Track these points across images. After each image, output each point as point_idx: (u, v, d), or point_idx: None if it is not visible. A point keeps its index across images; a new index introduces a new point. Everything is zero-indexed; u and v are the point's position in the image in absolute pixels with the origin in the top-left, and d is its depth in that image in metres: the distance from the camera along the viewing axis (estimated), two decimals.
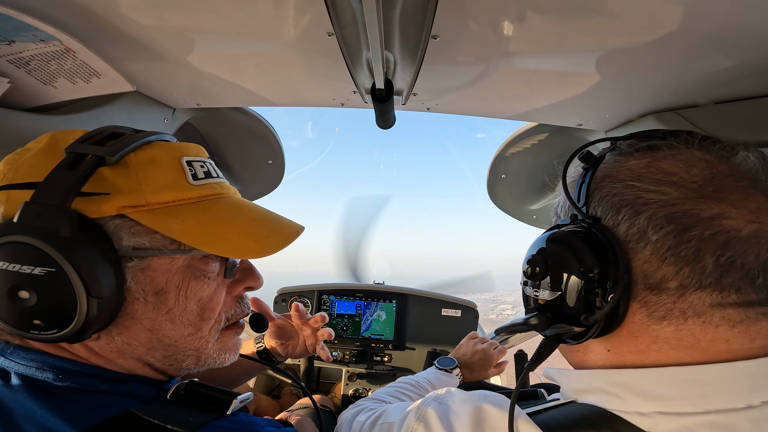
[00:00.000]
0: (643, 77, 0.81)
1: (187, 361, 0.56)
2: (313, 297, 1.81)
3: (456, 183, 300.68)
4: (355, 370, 1.72)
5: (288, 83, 1.00)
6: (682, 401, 0.41)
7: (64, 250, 0.44)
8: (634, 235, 0.44)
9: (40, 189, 0.45)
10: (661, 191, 0.44)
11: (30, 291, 0.44)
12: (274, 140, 1.54)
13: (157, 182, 0.51)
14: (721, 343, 0.41)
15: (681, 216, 0.42)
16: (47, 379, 0.47)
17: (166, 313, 0.52)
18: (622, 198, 0.46)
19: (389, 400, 0.94)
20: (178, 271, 0.53)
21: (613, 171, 0.49)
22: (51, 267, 0.44)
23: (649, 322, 0.44)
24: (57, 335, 0.46)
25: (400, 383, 1.05)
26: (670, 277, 0.42)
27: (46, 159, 0.48)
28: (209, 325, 0.57)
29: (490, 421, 0.48)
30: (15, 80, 0.80)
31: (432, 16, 0.64)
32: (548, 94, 0.97)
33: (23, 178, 0.47)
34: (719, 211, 0.41)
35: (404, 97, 0.99)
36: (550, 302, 0.48)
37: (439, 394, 0.58)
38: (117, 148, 0.49)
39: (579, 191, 0.51)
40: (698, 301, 0.41)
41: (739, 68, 0.71)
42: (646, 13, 0.60)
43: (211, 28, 0.74)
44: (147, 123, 1.12)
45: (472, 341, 1.28)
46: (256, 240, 0.56)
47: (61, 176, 0.46)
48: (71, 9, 0.67)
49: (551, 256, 0.48)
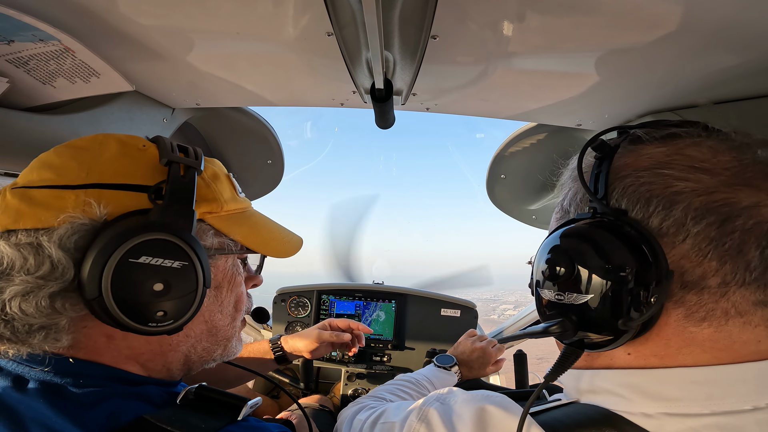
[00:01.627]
0: (642, 77, 0.81)
1: (219, 350, 0.62)
2: (313, 297, 1.81)
3: (456, 183, 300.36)
4: (354, 370, 1.72)
5: (287, 83, 1.00)
6: (690, 402, 0.39)
7: (193, 246, 0.51)
8: (670, 227, 0.40)
9: (170, 195, 0.51)
10: (695, 179, 0.40)
11: (165, 283, 0.49)
12: (273, 140, 1.53)
13: (226, 194, 0.60)
14: (754, 344, 0.39)
15: (720, 205, 0.38)
16: (66, 384, 0.46)
17: (219, 305, 0.60)
18: (651, 188, 0.42)
19: (389, 398, 0.94)
20: (229, 268, 0.61)
21: (633, 160, 0.45)
22: (185, 261, 0.50)
23: (686, 323, 0.40)
24: (172, 326, 0.50)
25: (400, 381, 1.05)
26: (712, 273, 0.39)
27: (131, 163, 0.52)
28: (240, 316, 0.65)
29: (493, 422, 0.47)
30: (14, 80, 0.80)
31: (431, 16, 0.64)
32: (547, 95, 0.97)
33: (113, 179, 0.50)
34: (757, 199, 0.38)
35: (404, 97, 0.99)
36: (578, 306, 0.42)
37: (441, 394, 0.57)
38: (199, 162, 0.56)
39: (596, 182, 0.46)
40: (741, 300, 0.38)
41: (739, 68, 0.71)
42: (645, 14, 0.60)
43: (211, 27, 0.74)
44: (146, 123, 1.12)
45: (471, 339, 1.28)
46: (283, 244, 0.68)
47: (180, 184, 0.52)
48: (70, 9, 0.67)
49: (578, 254, 0.43)
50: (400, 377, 1.09)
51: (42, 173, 0.50)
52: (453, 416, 0.51)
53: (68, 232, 0.46)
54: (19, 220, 0.47)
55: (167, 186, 0.51)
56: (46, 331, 0.46)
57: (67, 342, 0.47)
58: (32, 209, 0.47)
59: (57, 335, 0.46)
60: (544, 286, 0.46)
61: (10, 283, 0.44)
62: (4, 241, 0.46)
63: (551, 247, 0.46)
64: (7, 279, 0.45)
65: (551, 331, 0.44)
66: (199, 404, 0.52)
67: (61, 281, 0.46)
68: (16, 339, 0.45)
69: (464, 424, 0.49)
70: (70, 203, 0.47)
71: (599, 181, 0.46)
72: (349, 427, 0.79)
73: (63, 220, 0.46)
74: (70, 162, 0.50)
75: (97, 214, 0.47)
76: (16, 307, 0.44)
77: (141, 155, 0.53)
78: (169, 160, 0.52)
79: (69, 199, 0.47)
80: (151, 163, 0.53)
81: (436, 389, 1.08)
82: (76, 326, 0.49)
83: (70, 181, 0.49)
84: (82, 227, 0.47)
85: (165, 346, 0.55)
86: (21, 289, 0.44)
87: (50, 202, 0.47)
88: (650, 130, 0.47)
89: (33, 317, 0.45)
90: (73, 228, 0.46)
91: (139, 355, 0.53)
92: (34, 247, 0.46)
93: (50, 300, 0.45)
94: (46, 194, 0.48)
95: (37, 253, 0.45)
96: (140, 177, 0.51)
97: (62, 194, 0.48)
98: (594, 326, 0.42)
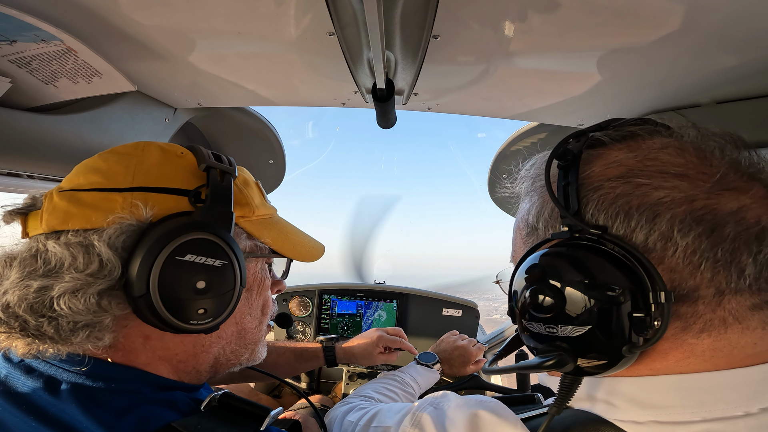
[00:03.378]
0: (644, 77, 0.81)
1: (246, 354, 0.63)
2: (314, 297, 1.81)
3: (456, 182, 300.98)
4: (355, 370, 1.71)
5: (289, 83, 1.00)
6: (681, 410, 0.38)
7: (232, 246, 0.53)
8: (657, 242, 0.38)
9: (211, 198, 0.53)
10: (671, 186, 0.38)
11: (207, 281, 0.51)
12: (275, 140, 1.54)
13: (257, 199, 0.62)
14: (750, 347, 0.38)
15: (704, 214, 0.37)
16: (98, 388, 0.47)
17: (249, 307, 0.62)
18: (628, 199, 0.39)
19: (377, 397, 0.95)
20: (258, 271, 0.63)
21: (601, 168, 0.42)
22: (226, 260, 0.52)
23: (684, 336, 0.38)
24: (210, 324, 0.52)
25: (386, 380, 1.07)
26: (705, 284, 0.37)
27: (173, 169, 0.55)
28: (266, 320, 0.67)
29: (486, 427, 0.47)
30: (16, 80, 0.80)
31: (433, 15, 0.64)
32: (549, 94, 0.96)
33: (157, 183, 0.52)
34: (740, 204, 0.37)
35: (405, 97, 0.99)
36: (575, 338, 0.39)
37: (435, 398, 0.57)
38: (233, 168, 0.59)
39: (565, 195, 0.43)
40: (738, 306, 0.37)
41: (741, 68, 0.70)
42: (648, 13, 0.60)
43: (213, 28, 0.74)
44: (148, 123, 1.12)
45: (453, 337, 1.32)
46: (308, 249, 0.70)
47: (219, 188, 0.55)
48: (73, 9, 0.67)
49: (568, 282, 0.39)
50: (385, 375, 1.12)
51: (90, 177, 0.52)
52: (446, 421, 0.51)
53: (117, 232, 0.48)
54: (68, 220, 0.48)
55: (208, 189, 0.54)
56: (90, 329, 0.46)
57: (108, 341, 0.48)
58: (81, 210, 0.49)
59: (100, 333, 0.47)
60: (530, 318, 0.42)
61: (59, 280, 0.45)
62: (53, 241, 0.47)
63: (533, 275, 0.42)
64: (56, 276, 0.46)
65: (547, 366, 0.40)
66: (222, 412, 0.52)
67: (109, 279, 0.47)
68: (58, 337, 0.45)
69: (457, 429, 0.48)
70: (119, 205, 0.49)
71: (569, 194, 0.42)
72: (339, 427, 0.79)
73: (112, 220, 0.48)
74: (117, 166, 0.52)
75: (143, 215, 0.49)
76: (64, 304, 0.45)
77: (181, 161, 0.56)
78: (207, 165, 0.55)
79: (117, 201, 0.50)
80: (190, 168, 0.55)
81: (419, 386, 1.11)
82: (118, 325, 0.50)
83: (117, 184, 0.51)
84: (129, 227, 0.49)
85: (198, 347, 0.56)
86: (71, 286, 0.45)
87: (99, 204, 0.49)
88: (609, 131, 0.45)
89: (80, 314, 0.45)
90: (121, 228, 0.48)
91: (173, 356, 0.54)
92: (83, 246, 0.47)
93: (98, 297, 0.46)
94: (95, 197, 0.50)
95: (87, 251, 0.47)
96: (181, 181, 0.54)
97: (111, 197, 0.50)
98: (594, 356, 0.39)
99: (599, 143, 0.45)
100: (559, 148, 0.45)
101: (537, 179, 0.49)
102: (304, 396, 0.94)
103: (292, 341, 1.25)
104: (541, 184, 0.47)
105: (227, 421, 0.50)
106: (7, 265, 0.47)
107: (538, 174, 0.50)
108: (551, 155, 0.45)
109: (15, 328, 0.45)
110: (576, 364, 0.40)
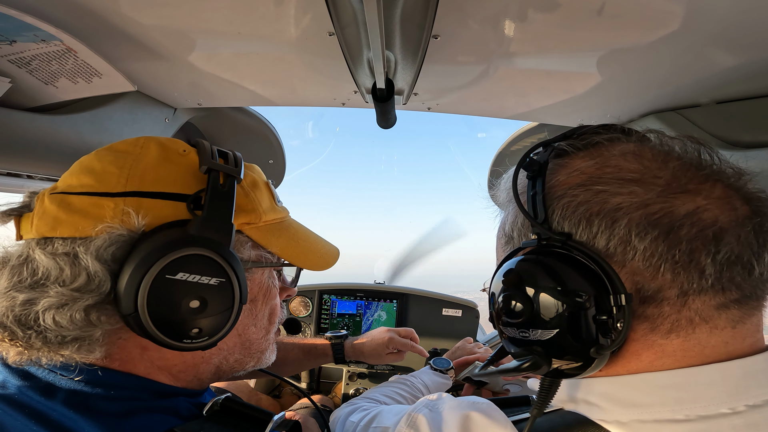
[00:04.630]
0: (644, 77, 0.81)
1: (252, 362, 0.60)
2: (314, 296, 1.81)
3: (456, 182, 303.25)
4: (355, 370, 1.72)
5: (289, 83, 1.00)
6: (660, 408, 0.38)
7: (231, 262, 0.48)
8: (617, 246, 0.39)
9: (210, 206, 0.48)
10: (628, 192, 0.39)
11: (201, 300, 0.47)
12: (275, 140, 1.54)
13: (265, 203, 0.57)
14: (722, 346, 0.39)
15: (660, 217, 0.38)
16: (97, 395, 0.45)
17: (254, 318, 0.58)
18: (588, 206, 0.41)
19: (383, 400, 0.95)
20: (265, 280, 0.59)
21: (565, 177, 0.44)
22: (222, 278, 0.48)
23: (653, 337, 0.40)
24: (206, 342, 0.49)
25: (395, 383, 1.06)
26: (668, 285, 0.38)
27: (172, 170, 0.50)
28: (274, 328, 0.63)
29: (476, 429, 0.47)
30: (16, 80, 0.80)
31: (433, 15, 0.64)
32: (549, 94, 0.96)
33: (153, 187, 0.48)
34: (695, 205, 0.38)
35: (405, 97, 0.99)
36: (545, 342, 0.41)
37: (430, 399, 0.57)
38: (239, 169, 0.53)
39: (534, 205, 0.44)
40: (703, 306, 0.38)
41: (742, 68, 0.70)
42: (648, 13, 0.60)
43: (212, 27, 0.74)
44: (148, 123, 1.12)
45: (470, 345, 1.31)
46: (320, 256, 0.65)
47: (220, 194, 0.50)
48: (72, 9, 0.67)
49: (534, 287, 0.41)
50: (395, 379, 1.10)
51: (82, 178, 0.48)
52: (440, 422, 0.51)
53: (105, 243, 0.44)
54: (57, 227, 0.45)
55: (206, 196, 0.49)
56: (80, 343, 0.44)
57: (100, 354, 0.46)
58: (70, 217, 0.45)
59: (90, 347, 0.45)
60: (504, 323, 0.44)
61: (44, 295, 0.43)
62: (41, 249, 0.44)
63: (505, 282, 0.44)
64: (41, 290, 0.43)
65: (524, 369, 0.42)
66: (225, 417, 0.51)
67: (97, 294, 0.44)
68: (48, 349, 0.44)
69: (449, 430, 0.49)
70: (109, 212, 0.46)
71: (537, 203, 0.44)
72: (342, 428, 0.79)
73: (101, 230, 0.45)
74: (110, 167, 0.48)
75: (135, 224, 0.46)
76: (50, 319, 0.42)
77: (181, 161, 0.51)
78: (208, 167, 0.50)
79: (108, 208, 0.46)
80: (191, 169, 0.51)
81: (430, 392, 1.08)
82: (111, 338, 0.47)
83: (109, 188, 0.47)
84: (119, 238, 0.45)
85: (197, 359, 0.54)
86: (56, 301, 0.43)
87: (89, 209, 0.46)
88: (572, 141, 0.46)
89: (67, 329, 0.43)
90: (110, 239, 0.45)
91: (171, 366, 0.52)
92: (70, 258, 0.44)
93: (85, 313, 0.44)
94: (85, 201, 0.46)
95: (74, 263, 0.44)
96: (180, 185, 0.49)
97: (101, 202, 0.46)
98: (566, 358, 0.41)
99: (564, 153, 0.46)
100: (525, 159, 0.47)
101: (510, 190, 0.50)
102: (306, 395, 0.94)
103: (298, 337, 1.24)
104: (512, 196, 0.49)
105: (230, 425, 0.49)
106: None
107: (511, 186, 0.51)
108: (518, 166, 0.47)
109: (5, 338, 0.43)
110: (552, 367, 0.42)
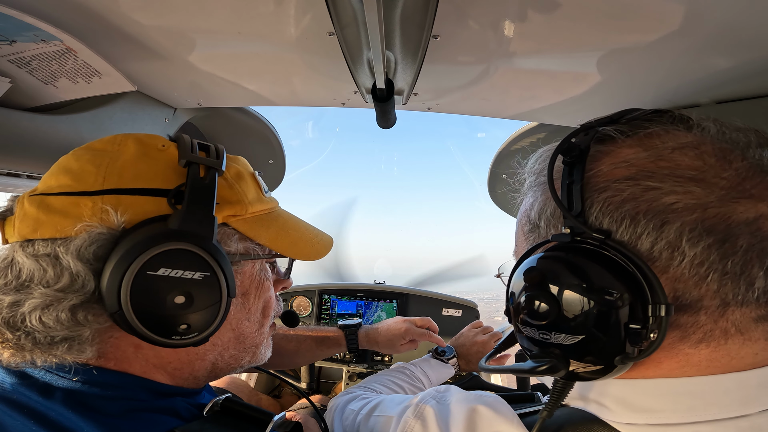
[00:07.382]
0: (644, 77, 0.81)
1: (247, 358, 0.60)
2: (314, 296, 1.81)
3: (456, 182, 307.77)
4: (355, 370, 1.72)
5: (289, 83, 1.00)
6: (671, 414, 0.37)
7: (214, 255, 0.48)
8: (663, 251, 0.35)
9: (189, 200, 0.47)
10: (684, 191, 0.35)
11: (186, 295, 0.46)
12: (274, 140, 1.54)
13: (251, 195, 0.56)
14: (750, 357, 0.36)
15: (717, 222, 0.34)
16: (95, 395, 0.45)
17: (247, 312, 0.58)
18: (636, 204, 0.37)
19: (381, 390, 0.93)
20: (256, 273, 0.58)
21: (609, 167, 0.40)
22: (207, 272, 0.47)
23: (681, 345, 0.37)
24: (196, 338, 0.48)
25: (393, 372, 1.04)
26: (710, 295, 0.35)
27: (151, 165, 0.49)
28: (269, 322, 0.62)
29: (483, 423, 0.47)
30: (16, 80, 0.80)
31: (433, 15, 0.64)
32: (549, 94, 0.96)
33: (131, 184, 0.48)
34: (758, 213, 0.34)
35: (405, 97, 0.99)
36: (568, 346, 0.38)
37: (438, 391, 0.57)
38: (221, 161, 0.52)
39: (569, 194, 0.40)
40: (742, 317, 0.35)
41: (741, 68, 0.70)
42: (648, 13, 0.60)
43: (212, 27, 0.74)
44: (148, 123, 1.12)
45: (474, 331, 1.23)
46: (312, 245, 0.64)
47: (200, 187, 0.49)
48: (72, 9, 0.67)
49: (565, 289, 0.37)
50: (396, 366, 1.08)
51: (60, 179, 0.48)
52: (448, 415, 0.51)
53: (86, 243, 0.44)
54: (38, 229, 0.45)
55: (186, 189, 0.48)
56: (69, 343, 0.44)
57: (92, 353, 0.46)
58: (50, 218, 0.45)
59: (81, 347, 0.45)
60: (524, 322, 0.41)
61: (28, 296, 0.43)
62: (23, 252, 0.44)
63: (530, 279, 0.40)
64: (26, 291, 0.43)
65: (540, 372, 0.39)
66: (225, 417, 0.50)
67: (82, 293, 0.44)
68: (39, 351, 0.44)
69: (456, 423, 0.49)
70: (87, 211, 0.45)
71: (573, 194, 0.40)
72: (341, 415, 0.78)
73: (80, 229, 0.44)
74: (88, 166, 0.48)
75: (114, 222, 0.45)
76: (36, 320, 0.42)
77: (160, 156, 0.50)
78: (188, 161, 0.49)
79: (86, 207, 0.45)
80: (171, 164, 0.50)
81: (430, 381, 1.06)
82: (102, 337, 0.47)
83: (87, 187, 0.46)
84: (100, 237, 0.45)
85: (192, 355, 0.54)
86: (40, 302, 0.42)
87: (67, 209, 0.45)
88: (619, 126, 0.42)
89: (54, 330, 0.43)
90: (90, 238, 0.44)
91: (166, 363, 0.52)
92: (51, 258, 0.44)
93: (71, 312, 0.43)
94: (64, 201, 0.46)
95: (56, 264, 0.44)
96: (160, 180, 0.49)
97: (79, 201, 0.46)
98: (587, 364, 0.38)
99: (609, 138, 0.42)
100: (565, 143, 0.42)
101: (541, 174, 0.47)
102: (305, 396, 0.94)
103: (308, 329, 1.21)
104: (545, 180, 0.45)
105: (230, 426, 0.49)
106: None
107: (542, 169, 0.47)
108: (556, 150, 0.42)
109: None
110: (567, 370, 0.39)
